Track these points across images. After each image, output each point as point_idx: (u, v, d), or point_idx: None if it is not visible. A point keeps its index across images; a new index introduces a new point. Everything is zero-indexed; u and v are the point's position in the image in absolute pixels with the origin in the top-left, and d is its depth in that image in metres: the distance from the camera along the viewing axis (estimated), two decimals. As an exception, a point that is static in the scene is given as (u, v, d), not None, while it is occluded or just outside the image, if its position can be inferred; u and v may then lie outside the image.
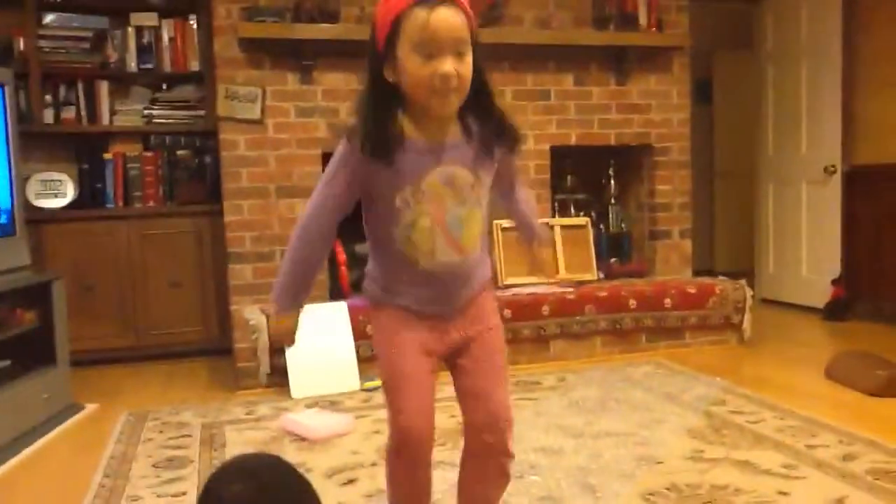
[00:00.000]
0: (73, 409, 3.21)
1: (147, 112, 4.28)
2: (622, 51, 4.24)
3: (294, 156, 3.88)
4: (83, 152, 4.20)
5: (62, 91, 4.17)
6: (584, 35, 4.19)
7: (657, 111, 4.44)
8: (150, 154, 4.26)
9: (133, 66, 4.24)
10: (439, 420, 1.62)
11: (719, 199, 6.98)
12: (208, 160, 4.33)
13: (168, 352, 4.13)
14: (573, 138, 4.31)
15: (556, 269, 4.11)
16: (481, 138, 1.54)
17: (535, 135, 4.21)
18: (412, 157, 1.48)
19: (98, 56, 4.20)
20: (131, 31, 4.22)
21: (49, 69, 4.09)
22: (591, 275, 4.22)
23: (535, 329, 3.78)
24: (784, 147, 5.32)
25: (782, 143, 5.34)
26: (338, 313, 3.52)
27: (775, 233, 5.44)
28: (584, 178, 4.65)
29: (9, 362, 2.98)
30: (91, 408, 3.26)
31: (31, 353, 3.09)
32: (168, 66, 4.28)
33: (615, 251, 4.61)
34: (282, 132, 3.86)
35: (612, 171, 4.67)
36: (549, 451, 2.51)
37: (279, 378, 3.41)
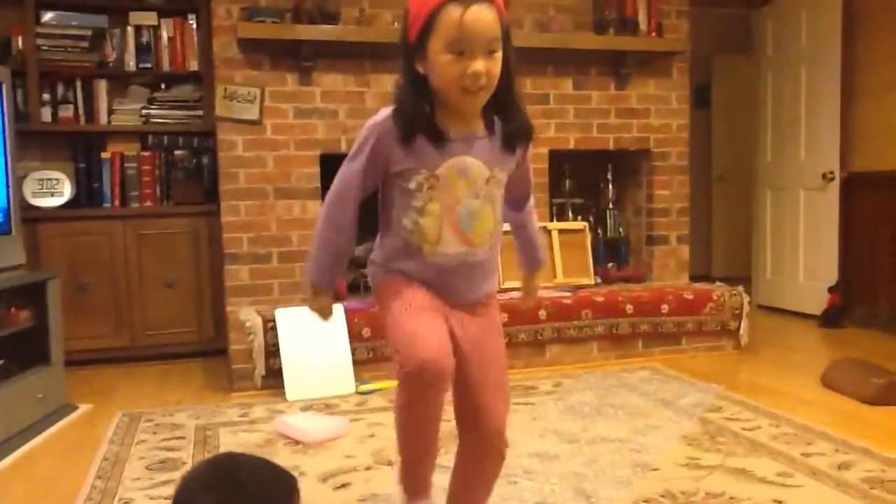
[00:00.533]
0: (66, 410, 3.20)
1: (145, 112, 4.27)
2: (621, 55, 4.24)
3: (292, 157, 3.87)
4: (80, 151, 4.19)
5: (60, 89, 4.16)
6: (583, 39, 4.19)
7: (656, 116, 4.43)
8: (147, 154, 4.25)
9: (132, 65, 4.23)
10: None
11: (717, 205, 6.98)
12: (206, 160, 4.32)
13: (163, 352, 4.12)
14: (572, 142, 4.31)
15: (554, 274, 4.12)
16: (503, 134, 1.57)
17: (534, 138, 4.19)
18: (433, 143, 1.51)
19: (96, 55, 4.19)
20: (130, 31, 4.22)
21: (47, 67, 4.08)
22: (588, 279, 4.22)
23: (532, 333, 3.77)
24: (782, 153, 5.32)
25: (781, 149, 5.34)
26: (334, 315, 3.50)
27: (773, 239, 5.44)
28: (582, 182, 4.65)
29: (2, 361, 2.96)
30: (85, 408, 3.25)
31: (25, 353, 3.08)
32: (167, 66, 4.27)
33: (612, 256, 4.61)
34: (280, 133, 3.85)
35: (610, 176, 4.67)
36: (543, 456, 2.50)
37: (274, 380, 3.39)
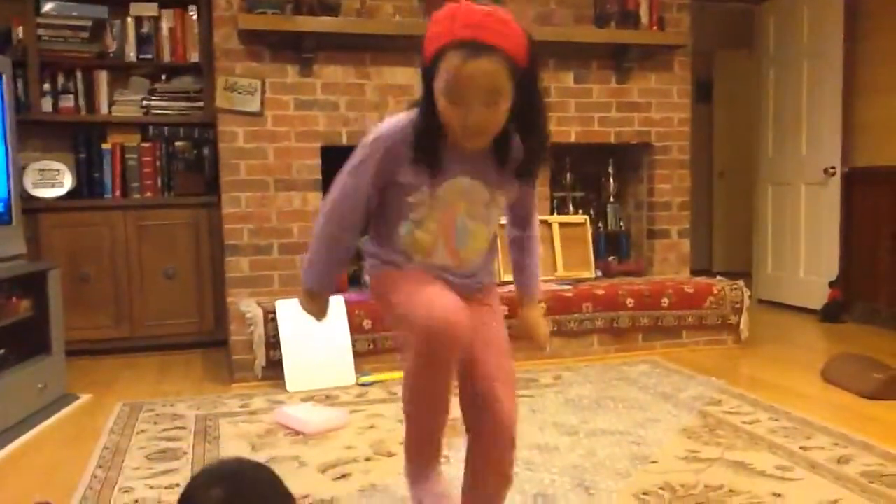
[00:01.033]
0: (67, 400, 3.20)
1: (146, 103, 4.26)
2: (623, 49, 4.23)
3: (293, 149, 3.87)
4: (81, 142, 4.18)
5: (60, 80, 4.15)
6: (585, 32, 4.17)
7: (657, 110, 4.43)
8: (148, 145, 4.25)
9: (132, 56, 4.22)
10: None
11: (718, 200, 6.98)
12: (206, 152, 4.32)
13: (163, 343, 4.12)
14: (573, 136, 4.30)
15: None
16: (514, 157, 1.56)
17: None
18: (439, 163, 1.51)
19: (97, 45, 4.18)
20: (131, 21, 4.21)
21: (47, 58, 4.07)
22: (589, 273, 4.22)
23: (532, 326, 3.76)
24: (784, 148, 5.32)
25: (782, 144, 5.34)
26: (334, 307, 3.50)
27: (774, 234, 5.44)
28: (583, 176, 4.64)
29: (2, 351, 2.97)
30: (85, 398, 3.25)
31: (25, 343, 3.08)
32: (167, 57, 4.26)
33: (613, 250, 4.61)
34: (281, 125, 3.85)
35: (611, 170, 4.66)
36: (543, 448, 2.50)
37: (274, 371, 3.40)
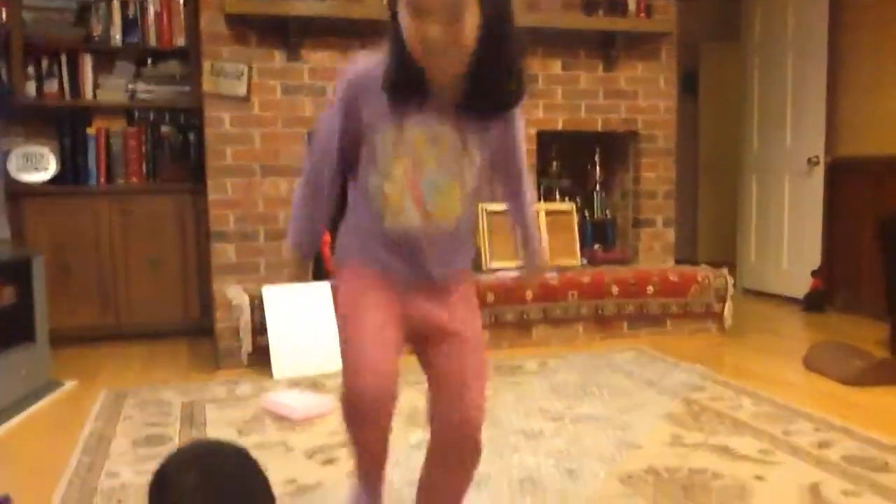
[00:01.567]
0: (51, 386, 3.18)
1: (131, 87, 4.22)
2: (610, 36, 4.24)
3: (280, 134, 3.85)
4: (65, 127, 4.15)
5: (45, 64, 4.10)
6: (572, 19, 4.18)
7: (644, 98, 4.44)
8: (133, 130, 4.21)
9: (117, 39, 4.18)
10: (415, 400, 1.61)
11: (703, 191, 7.01)
12: (192, 138, 4.29)
13: (148, 332, 4.10)
14: (560, 123, 4.31)
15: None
16: (478, 98, 1.43)
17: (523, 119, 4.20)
18: (408, 100, 1.42)
19: (82, 29, 4.13)
20: (116, 5, 4.15)
21: (31, 41, 4.02)
22: (575, 261, 4.23)
23: (518, 314, 3.79)
24: (768, 139, 5.35)
25: (767, 134, 5.37)
26: (321, 294, 3.51)
27: (758, 224, 5.48)
28: (569, 164, 4.65)
29: (-14, 337, 2.95)
30: (70, 385, 3.24)
31: (9, 330, 3.06)
32: (153, 41, 4.21)
33: (599, 238, 4.62)
34: (267, 110, 3.83)
35: (597, 158, 4.68)
36: (529, 433, 2.52)
37: (260, 358, 3.40)
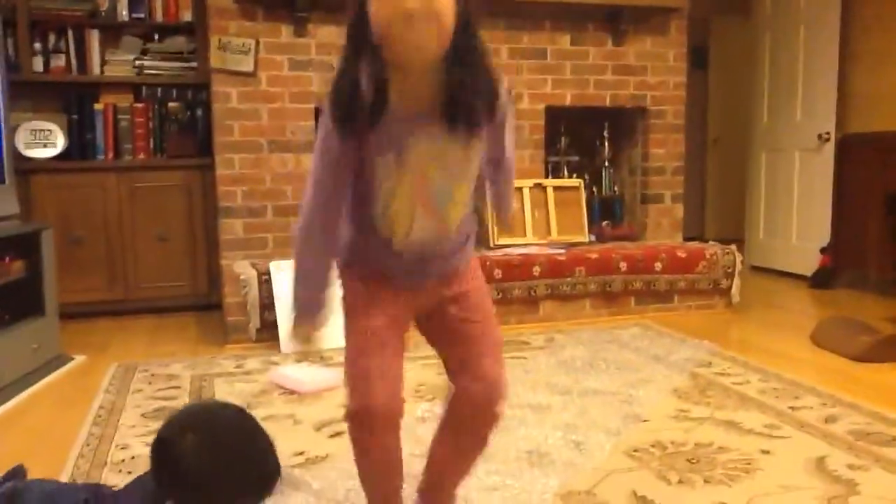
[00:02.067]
0: (61, 360, 3.21)
1: (138, 63, 4.21)
2: (619, 11, 4.19)
3: (287, 110, 3.84)
4: (73, 102, 4.15)
5: (51, 39, 4.10)
6: (581, -7, 4.14)
7: (653, 73, 4.40)
8: (140, 106, 4.21)
9: (124, 15, 4.17)
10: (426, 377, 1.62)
11: (712, 168, 6.98)
12: (199, 113, 4.28)
13: (156, 306, 4.13)
14: (568, 99, 4.28)
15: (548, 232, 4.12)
16: (467, 101, 1.35)
17: (530, 94, 4.19)
18: (396, 124, 1.34)
19: (88, 4, 4.12)
20: (122, -21, 4.15)
21: (37, 16, 4.02)
22: (583, 237, 4.23)
23: (525, 289, 3.79)
24: (778, 114, 5.31)
25: (777, 110, 5.33)
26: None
27: (767, 200, 5.45)
28: (577, 140, 4.63)
29: (-4, 311, 2.97)
30: (79, 359, 3.26)
31: (19, 304, 3.08)
32: (160, 16, 4.21)
33: (607, 214, 4.61)
34: (275, 85, 3.81)
35: (606, 134, 4.65)
36: (536, 407, 2.53)
37: (269, 333, 3.41)
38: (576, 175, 4.52)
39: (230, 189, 3.82)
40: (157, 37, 4.28)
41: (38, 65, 4.06)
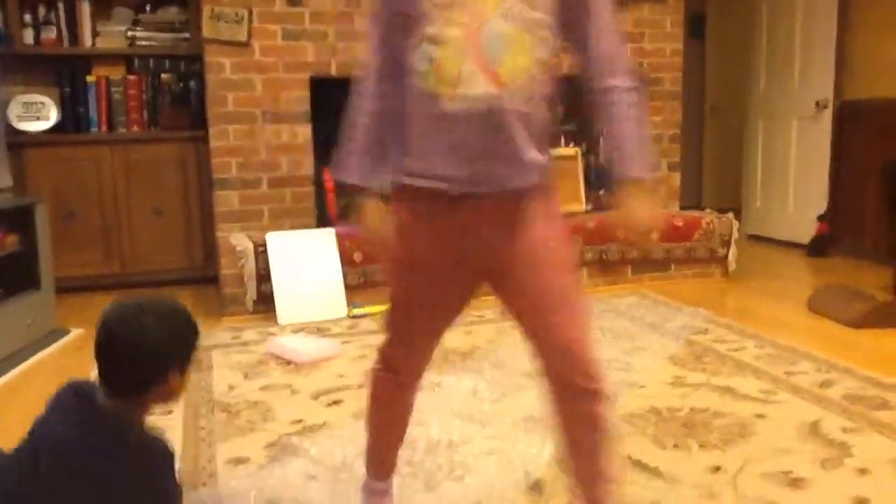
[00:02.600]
0: (57, 335, 3.21)
1: (130, 34, 4.16)
2: (616, -22, 4.15)
3: (281, 80, 3.80)
4: (65, 75, 4.10)
5: (41, 11, 4.05)
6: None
7: (650, 40, 4.36)
8: (133, 78, 4.17)
9: (115, -15, 4.12)
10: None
11: (709, 136, 6.94)
12: (193, 85, 4.25)
13: (153, 280, 4.11)
14: (565, 67, 4.23)
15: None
16: None
17: None
18: None
19: (78, -26, 4.07)
20: (112, -51, 4.09)
21: (27, -13, 3.98)
22: (579, 206, 4.21)
23: (522, 259, 3.78)
24: (776, 82, 5.27)
25: (774, 77, 5.29)
26: (325, 240, 3.52)
27: (764, 169, 5.43)
28: (575, 109, 4.59)
29: (-9, 285, 2.97)
30: (75, 333, 3.26)
31: (13, 278, 3.07)
32: (151, -14, 4.16)
33: (604, 183, 4.59)
34: (268, 55, 3.77)
35: (602, 103, 4.61)
36: (532, 374, 2.53)
37: (265, 305, 3.41)
38: (573, 144, 4.50)
39: (225, 160, 3.80)
40: (148, 7, 4.22)
41: (28, 37, 4.01)
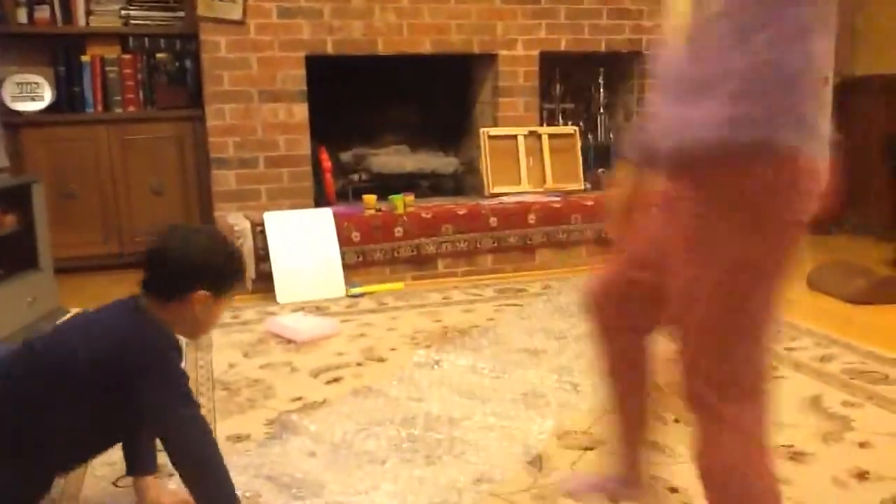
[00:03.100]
0: (58, 314, 3.20)
1: (124, 13, 4.12)
2: (615, -47, 4.11)
3: (277, 58, 3.77)
4: (59, 54, 4.07)
5: (34, -11, 4.01)
6: (576, -65, 4.05)
7: (649, 17, 4.32)
8: (128, 57, 4.14)
9: (108, -38, 4.08)
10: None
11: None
12: (189, 64, 4.21)
13: (152, 259, 4.10)
14: (563, 44, 4.21)
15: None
16: None
17: (524, 40, 4.11)
18: None
19: (71, -48, 4.03)
20: (105, -74, 4.04)
21: (19, -35, 3.93)
22: (578, 184, 4.20)
23: (521, 238, 3.78)
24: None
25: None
26: (323, 220, 3.50)
27: (763, 146, 5.40)
28: (572, 86, 4.57)
29: (-10, 265, 2.96)
30: (76, 312, 3.26)
31: (12, 257, 3.06)
32: (145, -36, 4.12)
33: (602, 161, 4.57)
34: (264, 34, 3.74)
35: (601, 80, 4.59)
36: (532, 352, 2.54)
37: (264, 284, 3.40)
38: (571, 122, 4.48)
39: (222, 140, 3.78)
40: (142, -15, 4.20)
41: (22, 16, 3.98)
